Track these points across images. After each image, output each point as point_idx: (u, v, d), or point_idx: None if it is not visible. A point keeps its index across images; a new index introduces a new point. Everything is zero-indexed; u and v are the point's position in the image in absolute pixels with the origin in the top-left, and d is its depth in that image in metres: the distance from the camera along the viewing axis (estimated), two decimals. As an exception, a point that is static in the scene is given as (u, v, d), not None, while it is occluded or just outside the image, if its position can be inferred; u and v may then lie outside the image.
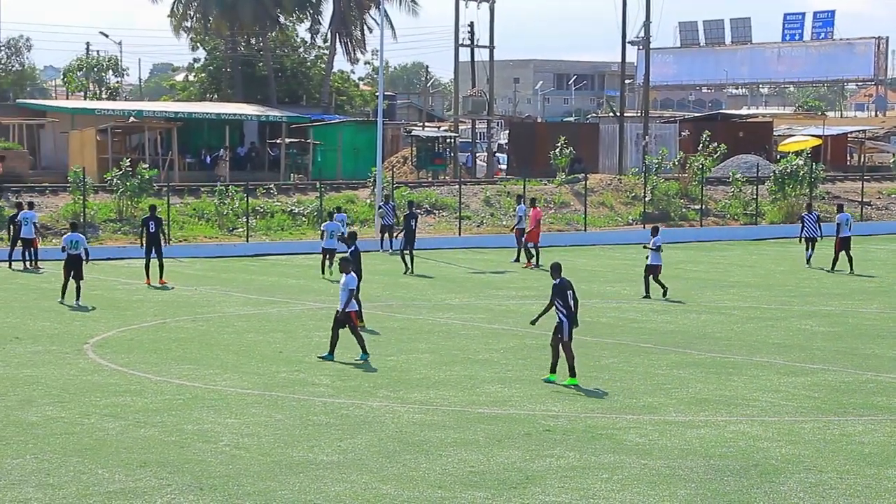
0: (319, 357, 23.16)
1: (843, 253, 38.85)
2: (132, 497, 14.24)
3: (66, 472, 15.25)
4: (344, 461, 15.91)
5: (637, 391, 20.55)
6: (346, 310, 23.05)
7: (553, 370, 21.24)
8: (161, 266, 34.88)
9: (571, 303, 20.97)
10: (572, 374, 20.92)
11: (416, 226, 39.77)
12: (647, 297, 32.12)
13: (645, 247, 32.94)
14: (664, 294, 32.13)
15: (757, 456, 16.33)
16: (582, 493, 14.60)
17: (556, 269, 21.15)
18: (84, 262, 31.22)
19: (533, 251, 40.52)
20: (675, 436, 17.40)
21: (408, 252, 38.78)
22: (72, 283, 30.85)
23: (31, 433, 17.19)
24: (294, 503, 14.15)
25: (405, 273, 38.03)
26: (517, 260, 41.59)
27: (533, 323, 21.90)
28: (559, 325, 21.00)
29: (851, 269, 38.50)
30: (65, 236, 32.36)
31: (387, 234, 44.93)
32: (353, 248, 27.19)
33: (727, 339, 26.24)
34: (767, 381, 21.35)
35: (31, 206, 40.58)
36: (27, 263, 38.91)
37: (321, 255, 37.83)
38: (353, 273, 23.31)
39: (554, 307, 21.10)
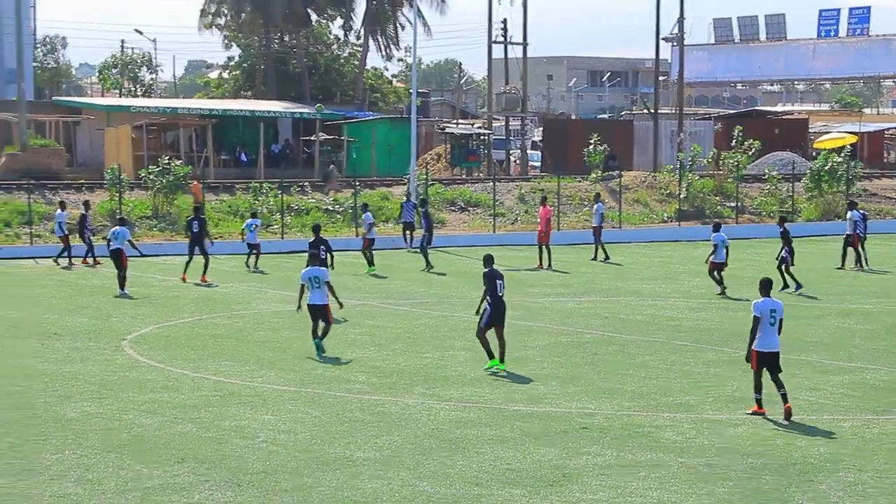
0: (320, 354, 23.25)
1: (850, 248, 39.21)
2: (170, 493, 14.30)
3: (105, 467, 15.33)
4: (380, 458, 15.92)
5: (674, 389, 20.48)
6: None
7: (500, 358, 21.86)
8: (206, 264, 35.03)
9: (500, 293, 21.73)
10: (490, 357, 21.79)
11: (428, 223, 39.89)
12: (723, 292, 32.52)
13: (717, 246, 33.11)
14: (721, 292, 32.47)
15: (795, 454, 16.24)
16: (619, 490, 14.55)
17: (487, 259, 22.17)
18: (137, 254, 33.81)
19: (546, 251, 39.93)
20: (712, 434, 17.33)
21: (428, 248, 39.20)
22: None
23: (70, 429, 17.28)
24: (330, 500, 14.16)
25: (423, 269, 38.19)
26: (595, 258, 41.52)
27: (477, 313, 22.34)
28: (483, 312, 21.76)
29: (843, 265, 38.84)
30: (111, 230, 34.56)
31: (409, 232, 44.89)
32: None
33: (764, 336, 26.02)
34: (805, 380, 21.23)
35: (62, 206, 40.92)
36: (62, 260, 39.38)
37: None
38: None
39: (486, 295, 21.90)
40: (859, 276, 37.63)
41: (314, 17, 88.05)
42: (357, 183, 52.85)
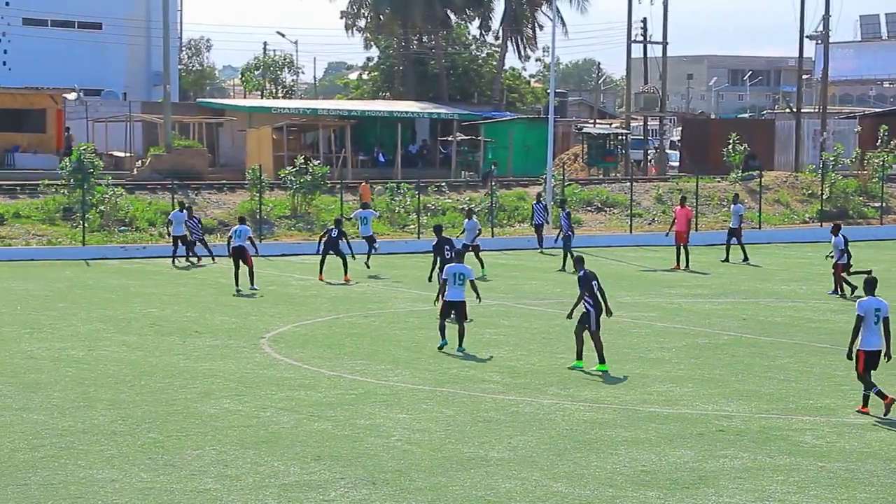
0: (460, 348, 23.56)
1: None
2: (307, 489, 14.46)
3: (243, 463, 15.56)
4: (514, 458, 15.90)
5: (813, 392, 20.10)
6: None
7: (579, 357, 21.92)
8: (345, 264, 35.19)
9: (598, 293, 21.70)
10: (601, 360, 21.64)
11: (569, 223, 40.04)
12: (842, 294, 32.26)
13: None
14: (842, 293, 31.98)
15: (940, 461, 15.81)
16: (757, 494, 14.32)
17: (579, 261, 22.30)
18: (254, 253, 33.91)
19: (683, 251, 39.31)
20: (853, 438, 16.96)
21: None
22: (245, 269, 32.90)
23: (210, 425, 17.58)
24: (465, 499, 14.18)
25: (560, 269, 38.32)
26: (726, 259, 40.97)
27: (569, 317, 22.43)
28: (585, 315, 21.78)
29: None
30: (233, 228, 35.00)
31: (540, 233, 44.70)
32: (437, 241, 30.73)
33: (908, 340, 25.39)
34: (951, 384, 20.62)
35: (182, 207, 41.59)
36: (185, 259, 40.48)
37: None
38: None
39: (581, 298, 21.89)
40: None
41: (452, 17, 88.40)
42: (493, 183, 52.89)
